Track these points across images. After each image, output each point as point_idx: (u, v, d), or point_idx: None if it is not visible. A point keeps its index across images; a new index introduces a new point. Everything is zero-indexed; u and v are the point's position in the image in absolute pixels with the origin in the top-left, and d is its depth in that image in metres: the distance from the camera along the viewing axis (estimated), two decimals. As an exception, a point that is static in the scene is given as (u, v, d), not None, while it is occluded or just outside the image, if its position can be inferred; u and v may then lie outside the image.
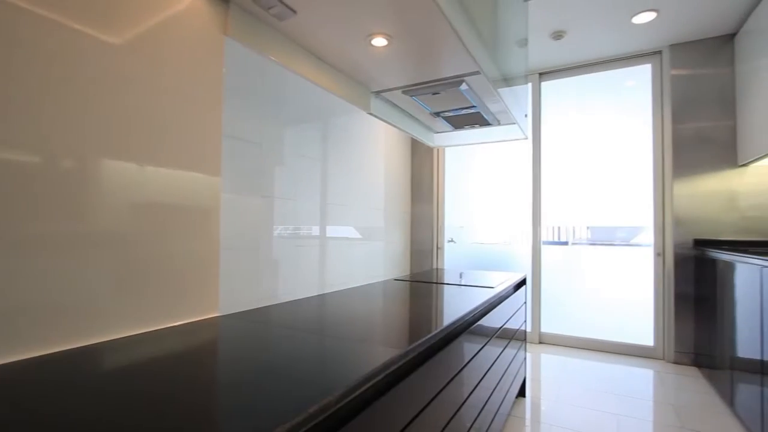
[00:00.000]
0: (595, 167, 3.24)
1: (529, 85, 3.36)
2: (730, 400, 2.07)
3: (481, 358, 1.37)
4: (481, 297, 1.43)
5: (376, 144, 3.14)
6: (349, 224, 2.74)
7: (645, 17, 2.53)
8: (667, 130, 2.89)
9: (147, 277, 0.96)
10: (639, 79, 3.08)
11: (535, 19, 2.59)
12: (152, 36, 0.98)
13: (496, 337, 1.59)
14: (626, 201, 3.11)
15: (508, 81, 1.79)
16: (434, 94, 1.63)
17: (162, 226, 0.99)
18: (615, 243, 3.18)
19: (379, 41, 1.24)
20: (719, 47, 2.74)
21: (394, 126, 1.89)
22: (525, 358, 2.25)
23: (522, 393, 2.26)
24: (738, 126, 2.65)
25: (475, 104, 1.73)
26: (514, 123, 1.96)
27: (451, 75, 1.46)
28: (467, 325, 1.23)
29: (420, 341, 0.87)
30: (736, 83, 2.68)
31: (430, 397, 0.93)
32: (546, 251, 3.38)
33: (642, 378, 2.56)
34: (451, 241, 3.68)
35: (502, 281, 1.88)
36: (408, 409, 0.82)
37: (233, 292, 1.80)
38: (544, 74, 3.35)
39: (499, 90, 1.65)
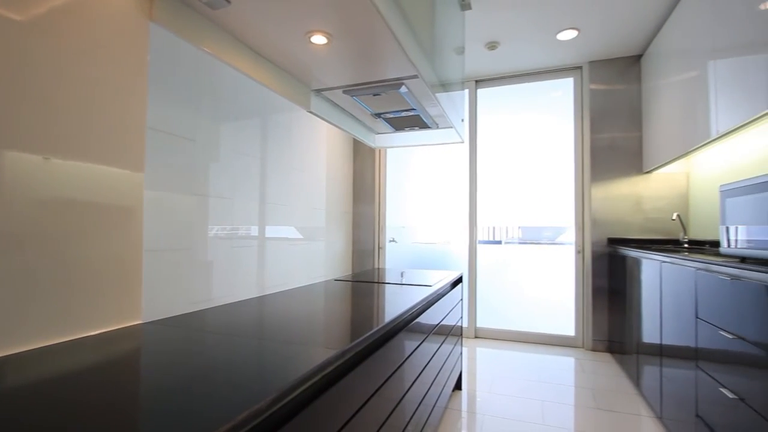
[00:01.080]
0: (526, 171, 3.47)
1: (466, 91, 3.52)
2: (636, 382, 2.32)
3: (419, 354, 1.41)
4: (418, 295, 1.47)
5: (318, 143, 3.10)
6: (289, 224, 2.68)
7: (568, 35, 2.76)
8: (587, 139, 3.18)
9: (57, 283, 0.86)
10: (564, 91, 3.35)
11: (472, 29, 2.72)
12: (63, 14, 0.89)
13: (434, 333, 1.64)
14: (552, 203, 3.38)
15: (445, 86, 1.86)
16: (375, 95, 1.65)
17: (75, 226, 0.90)
18: (542, 242, 3.43)
19: (319, 39, 1.23)
20: (629, 66, 3.07)
21: (335, 125, 1.88)
22: (461, 353, 2.35)
23: (459, 386, 2.35)
24: (643, 137, 2.99)
25: (414, 107, 1.77)
26: (452, 127, 2.04)
27: (391, 77, 1.49)
28: (405, 324, 1.26)
29: (357, 341, 0.87)
30: (642, 99, 3.02)
31: (369, 394, 0.94)
32: (481, 250, 3.55)
33: (564, 365, 2.79)
34: (393, 241, 3.74)
35: (439, 279, 1.94)
36: (347, 408, 0.82)
37: (162, 297, 1.67)
38: (480, 82, 3.52)
39: (437, 95, 1.70)
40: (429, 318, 1.57)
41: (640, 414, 2.04)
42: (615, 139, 3.08)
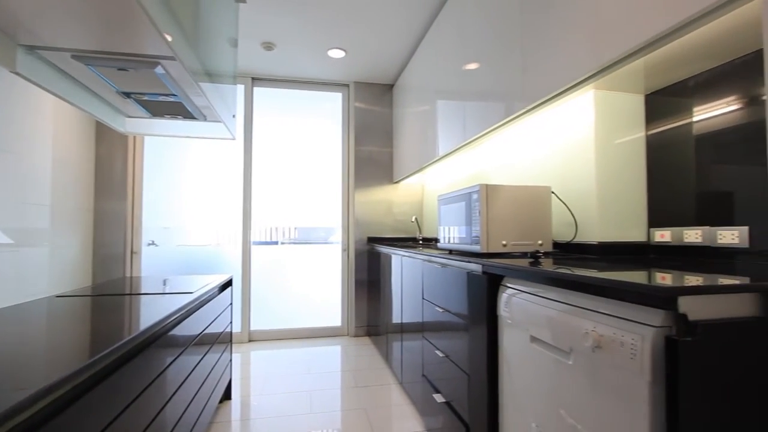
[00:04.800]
0: (303, 173, 3.61)
1: (241, 87, 3.39)
2: (386, 357, 2.76)
3: (173, 372, 1.25)
4: (173, 305, 1.31)
5: (39, 117, 2.35)
6: (-18, 225, 1.91)
7: (337, 53, 3.04)
8: (352, 150, 3.59)
9: None
10: (336, 103, 3.67)
11: (248, 26, 2.64)
12: None
13: (194, 344, 1.50)
14: (325, 205, 3.64)
15: (213, 77, 1.73)
16: (121, 69, 1.37)
17: None
18: (316, 242, 3.65)
19: (26, -21, 0.92)
20: (385, 92, 3.64)
21: (61, 98, 1.46)
22: (231, 360, 2.23)
23: (228, 395, 2.23)
24: (393, 153, 3.60)
25: (175, 93, 1.57)
26: (221, 121, 1.91)
27: (142, 53, 1.27)
28: (152, 340, 1.09)
29: (69, 374, 0.70)
30: (393, 121, 3.63)
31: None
32: (257, 251, 3.49)
33: (332, 354, 3.04)
34: (152, 244, 3.21)
35: (204, 284, 1.79)
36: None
37: None
38: (257, 80, 3.46)
39: (203, 84, 1.56)
40: (188, 329, 1.42)
41: (389, 383, 2.44)
42: (373, 153, 3.60)
